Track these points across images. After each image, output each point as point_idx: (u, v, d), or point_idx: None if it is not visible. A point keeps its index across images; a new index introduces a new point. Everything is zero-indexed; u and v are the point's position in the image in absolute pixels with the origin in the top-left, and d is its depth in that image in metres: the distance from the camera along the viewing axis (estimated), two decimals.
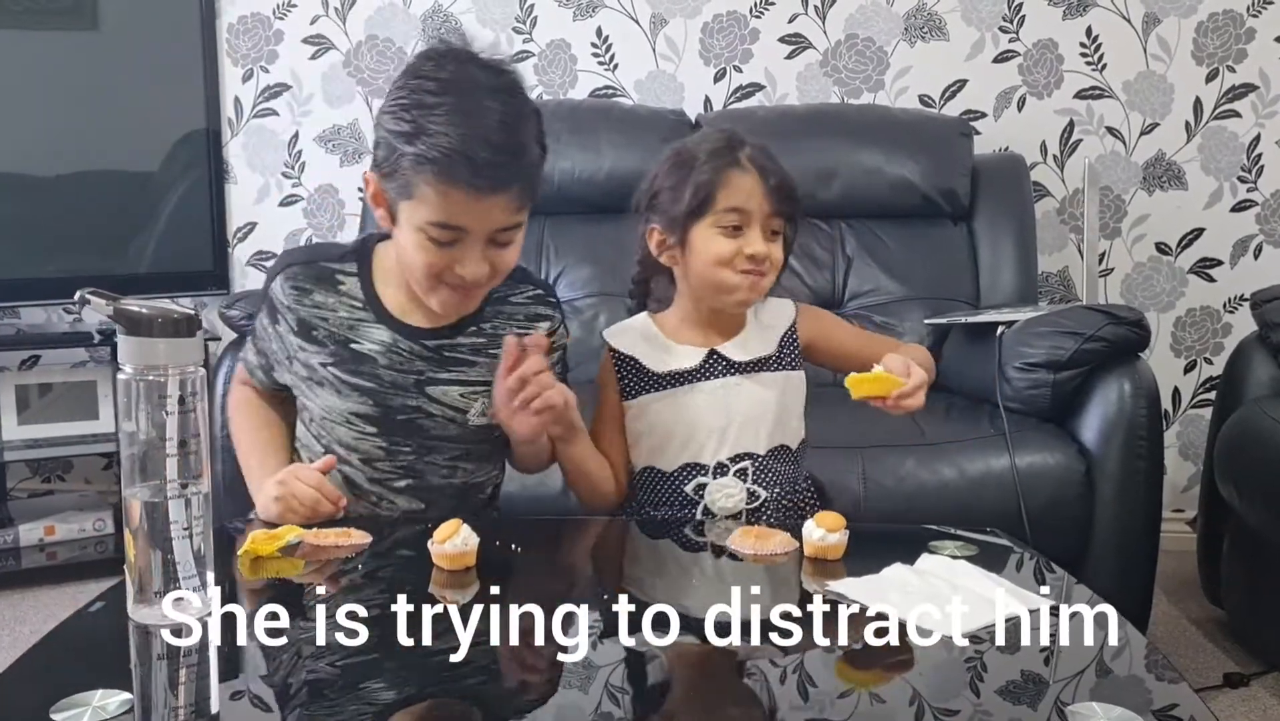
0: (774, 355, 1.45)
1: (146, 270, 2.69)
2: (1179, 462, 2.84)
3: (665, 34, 2.81)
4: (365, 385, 1.33)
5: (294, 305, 1.34)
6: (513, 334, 1.30)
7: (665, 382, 1.45)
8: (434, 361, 1.34)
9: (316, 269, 1.36)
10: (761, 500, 1.42)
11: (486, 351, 1.35)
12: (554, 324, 1.41)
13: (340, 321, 1.34)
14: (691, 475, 1.43)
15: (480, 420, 1.35)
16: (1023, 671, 0.93)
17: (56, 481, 2.90)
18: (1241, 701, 1.89)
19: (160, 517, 0.95)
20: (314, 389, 1.36)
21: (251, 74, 2.84)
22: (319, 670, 0.91)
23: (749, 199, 1.38)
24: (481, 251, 1.23)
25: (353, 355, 1.33)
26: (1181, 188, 2.80)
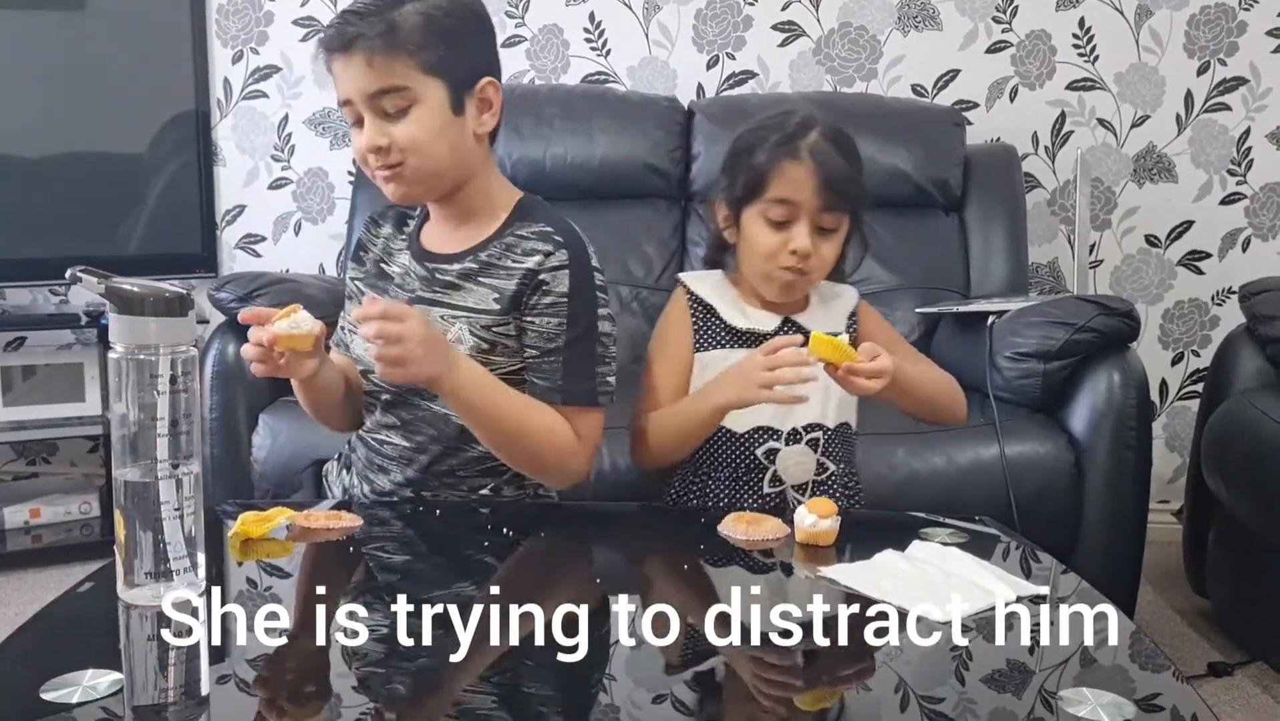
0: (841, 333, 1.43)
1: (134, 252, 2.68)
2: (1165, 454, 2.86)
3: (658, 20, 2.80)
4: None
5: (364, 233, 1.48)
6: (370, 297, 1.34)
7: (741, 340, 1.43)
8: (426, 282, 1.37)
9: (397, 211, 1.47)
10: (829, 472, 1.42)
11: (475, 278, 1.33)
12: (544, 260, 1.29)
13: (383, 248, 1.44)
14: (763, 439, 1.40)
15: (459, 347, 1.29)
16: (1010, 658, 0.93)
17: (42, 464, 2.89)
18: (1225, 690, 1.91)
19: (151, 498, 0.94)
20: (348, 304, 1.46)
21: (241, 56, 2.82)
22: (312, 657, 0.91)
23: (799, 191, 1.36)
24: (375, 122, 1.27)
25: (379, 273, 1.43)
26: (1171, 180, 2.81)
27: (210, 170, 2.82)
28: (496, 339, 1.32)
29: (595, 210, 2.51)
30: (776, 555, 1.17)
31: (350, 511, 1.23)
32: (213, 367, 1.99)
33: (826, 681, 0.89)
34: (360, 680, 0.86)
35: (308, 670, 0.88)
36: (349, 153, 2.83)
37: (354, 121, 1.30)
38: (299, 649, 0.91)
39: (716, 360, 1.42)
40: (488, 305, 1.31)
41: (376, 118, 1.27)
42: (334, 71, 1.29)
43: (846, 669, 0.91)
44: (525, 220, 1.35)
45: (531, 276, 1.30)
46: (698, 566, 1.18)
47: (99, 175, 2.68)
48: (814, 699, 0.87)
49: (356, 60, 1.26)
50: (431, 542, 1.26)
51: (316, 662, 0.89)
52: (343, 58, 1.26)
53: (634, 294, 2.46)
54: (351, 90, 1.27)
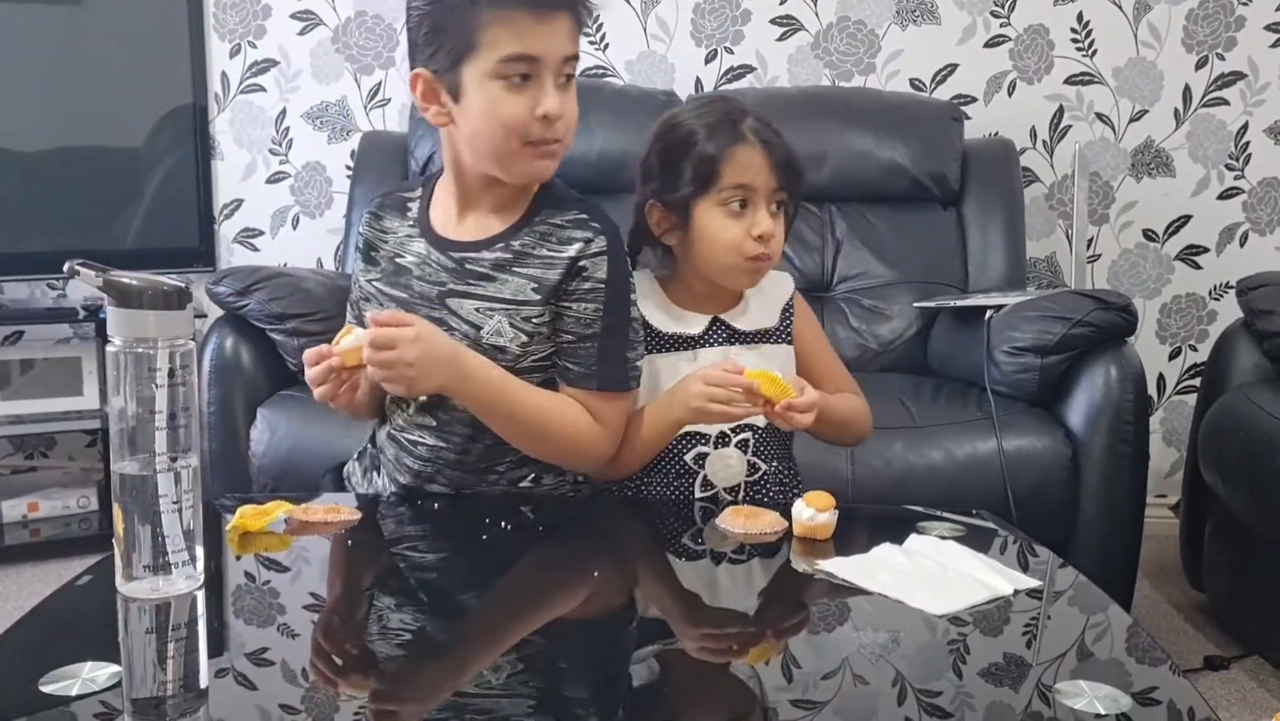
0: (775, 327, 1.44)
1: (131, 246, 2.68)
2: (1163, 448, 2.86)
3: (656, 14, 2.80)
4: (399, 295, 1.34)
5: (367, 231, 1.41)
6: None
7: (669, 344, 1.41)
8: (456, 274, 1.31)
9: (393, 198, 1.42)
10: (761, 472, 1.40)
11: (510, 268, 1.29)
12: (584, 248, 1.29)
13: (395, 240, 1.38)
14: (692, 444, 1.39)
15: (495, 339, 1.28)
16: (1007, 651, 0.94)
17: (40, 458, 2.89)
18: (1221, 684, 1.91)
19: (149, 491, 0.94)
20: (364, 306, 1.38)
21: (239, 49, 2.82)
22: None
23: (755, 175, 1.34)
24: (555, 89, 1.24)
25: (396, 268, 1.36)
26: (1169, 175, 2.81)
27: (208, 164, 2.81)
28: (536, 329, 1.29)
29: None
30: (774, 548, 1.18)
31: (348, 506, 1.23)
32: (211, 361, 1.99)
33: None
34: (365, 669, 0.87)
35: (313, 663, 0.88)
36: (347, 146, 2.83)
37: (517, 82, 1.22)
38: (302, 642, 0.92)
39: (648, 365, 1.40)
40: (526, 295, 1.29)
41: (555, 86, 1.24)
42: (517, 23, 1.20)
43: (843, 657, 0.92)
44: (554, 208, 1.32)
45: (573, 265, 1.29)
46: (693, 558, 1.18)
47: (96, 169, 2.67)
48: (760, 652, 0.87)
49: (565, 21, 1.24)
50: (437, 537, 1.26)
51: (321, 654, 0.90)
52: (547, 14, 1.22)
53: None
54: (550, 50, 1.22)
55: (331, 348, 1.22)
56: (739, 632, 0.99)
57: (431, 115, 1.28)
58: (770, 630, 0.99)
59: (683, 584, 1.13)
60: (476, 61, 1.21)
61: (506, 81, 1.21)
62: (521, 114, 1.22)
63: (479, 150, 1.26)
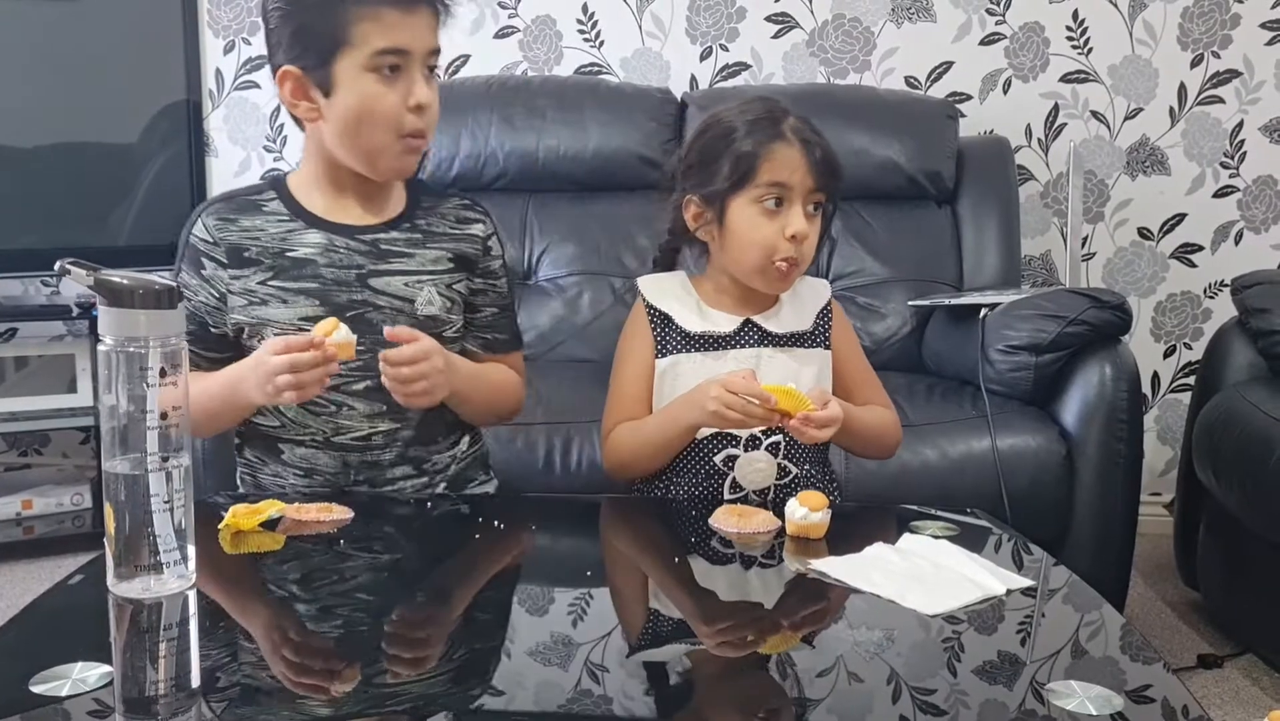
0: (809, 331, 1.43)
1: (125, 243, 2.67)
2: (1157, 447, 2.86)
3: (651, 11, 2.79)
4: (309, 286, 1.32)
5: (221, 236, 1.34)
6: (387, 330, 1.27)
7: (698, 344, 1.41)
8: (372, 255, 1.34)
9: (235, 201, 1.38)
10: (792, 476, 1.40)
11: (423, 245, 1.37)
12: (486, 227, 1.43)
13: (271, 237, 1.34)
14: (721, 445, 1.38)
15: (428, 309, 1.35)
16: (1001, 650, 0.94)
17: (33, 455, 2.88)
18: (1215, 682, 1.92)
19: (141, 490, 0.94)
20: (259, 311, 1.33)
21: (233, 46, 2.81)
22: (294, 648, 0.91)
23: (792, 173, 1.34)
24: (423, 81, 1.28)
25: (291, 263, 1.33)
26: (1164, 173, 2.81)
27: (202, 161, 2.80)
28: (455, 296, 1.39)
29: (588, 202, 2.51)
30: (767, 548, 1.18)
31: (341, 505, 1.23)
32: None
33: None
34: (347, 668, 0.86)
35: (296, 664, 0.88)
36: None
37: (386, 70, 1.26)
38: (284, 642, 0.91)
39: (674, 365, 1.41)
40: (443, 264, 1.38)
41: (422, 77, 1.28)
42: (384, 18, 1.24)
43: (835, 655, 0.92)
44: (433, 195, 1.43)
45: (481, 243, 1.41)
46: (687, 558, 1.18)
47: (90, 165, 2.66)
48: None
49: (426, 14, 1.28)
50: (420, 537, 1.26)
51: (306, 654, 0.89)
52: (412, 8, 1.26)
53: (626, 286, 2.45)
54: (415, 41, 1.26)
55: (317, 338, 1.19)
56: (731, 632, 0.99)
57: (301, 112, 1.31)
58: (763, 629, 0.99)
59: (675, 583, 1.13)
60: (348, 56, 1.25)
61: (378, 74, 1.26)
62: (395, 105, 1.27)
63: (350, 144, 1.30)
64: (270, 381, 1.20)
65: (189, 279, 1.35)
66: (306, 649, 0.91)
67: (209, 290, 1.34)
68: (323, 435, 1.35)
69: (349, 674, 0.85)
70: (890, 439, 1.47)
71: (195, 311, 1.34)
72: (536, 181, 2.52)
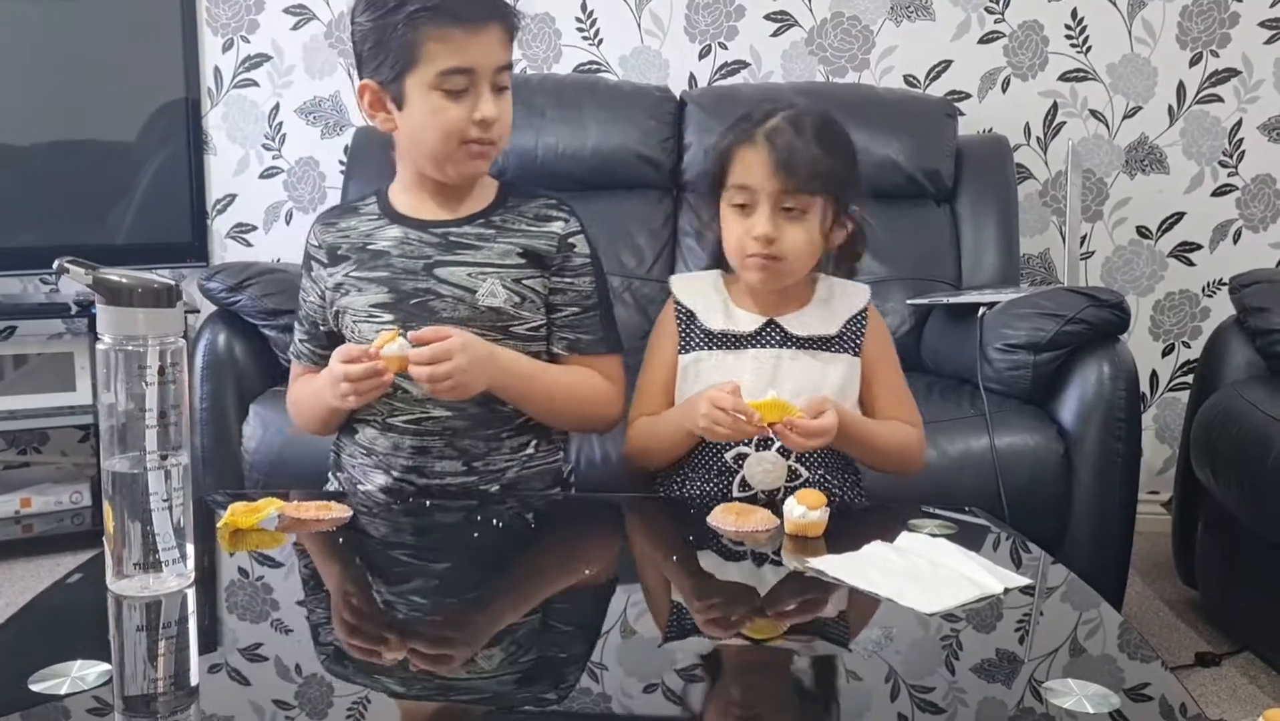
0: (835, 336, 1.42)
1: (124, 241, 2.67)
2: (1155, 445, 2.87)
3: (650, 9, 2.79)
4: (381, 275, 1.39)
5: (324, 237, 1.44)
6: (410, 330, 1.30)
7: (717, 342, 1.42)
8: (441, 246, 1.39)
9: (339, 208, 1.51)
10: (803, 480, 1.39)
11: (494, 239, 1.40)
12: (567, 226, 1.43)
13: (360, 234, 1.43)
14: (733, 444, 1.38)
15: (490, 300, 1.37)
16: (999, 649, 0.94)
17: (32, 453, 2.88)
18: (1213, 680, 1.92)
19: (140, 489, 0.94)
20: (343, 300, 1.41)
21: (232, 44, 2.81)
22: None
23: (754, 175, 1.35)
24: (489, 96, 1.32)
25: (370, 255, 1.41)
26: (1163, 171, 2.81)
27: (201, 159, 2.80)
28: (525, 292, 1.39)
29: (587, 200, 2.49)
30: (765, 546, 1.18)
31: (339, 503, 1.23)
32: (203, 358, 1.99)
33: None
34: (357, 671, 0.87)
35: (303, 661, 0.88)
36: (340, 141, 2.82)
37: (455, 91, 1.30)
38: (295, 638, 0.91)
39: (696, 361, 1.43)
40: (513, 259, 1.39)
41: (490, 92, 1.32)
42: (452, 39, 1.28)
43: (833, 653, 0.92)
44: (517, 196, 1.45)
45: (559, 240, 1.42)
46: (685, 557, 1.19)
47: (89, 163, 2.66)
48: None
49: (496, 32, 1.32)
50: (426, 535, 1.26)
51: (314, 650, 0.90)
52: (481, 27, 1.30)
53: (626, 284, 2.46)
54: (483, 60, 1.30)
55: (374, 350, 1.25)
56: (729, 630, 0.99)
57: (379, 122, 1.38)
58: (760, 627, 0.99)
59: (672, 581, 1.13)
60: (417, 74, 1.30)
61: (445, 92, 1.30)
62: (460, 120, 1.31)
63: (420, 152, 1.36)
64: (336, 387, 1.28)
65: (304, 282, 1.47)
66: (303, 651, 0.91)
67: (317, 288, 1.44)
68: (381, 416, 1.40)
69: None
70: (908, 458, 1.44)
71: (309, 313, 1.46)
72: (535, 180, 2.51)
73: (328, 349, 1.40)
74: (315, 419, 1.44)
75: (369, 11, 1.32)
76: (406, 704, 0.82)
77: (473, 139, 1.32)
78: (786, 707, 0.85)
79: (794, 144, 1.35)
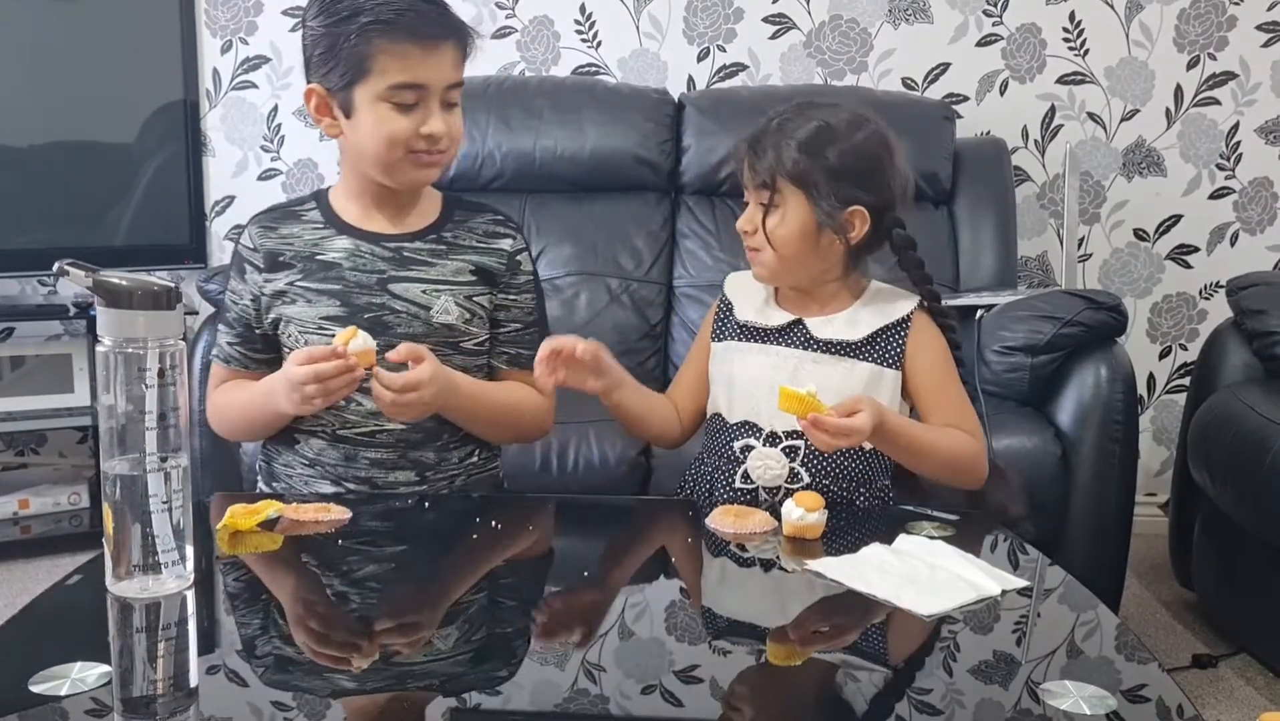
0: (858, 342, 1.40)
1: (122, 243, 2.67)
2: (1153, 447, 2.87)
3: (649, 12, 2.79)
4: (332, 288, 1.37)
5: (261, 242, 1.41)
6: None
7: (745, 333, 1.45)
8: (395, 261, 1.38)
9: (279, 210, 1.47)
10: (804, 484, 1.37)
11: (446, 256, 1.40)
12: (515, 243, 1.44)
13: (304, 242, 1.40)
14: (745, 433, 1.40)
15: (444, 317, 1.37)
16: (996, 650, 0.94)
17: (30, 455, 2.88)
18: (1209, 682, 1.92)
19: (139, 491, 0.94)
20: (286, 309, 1.38)
21: (230, 45, 2.81)
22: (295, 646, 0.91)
23: (741, 171, 1.41)
24: (439, 111, 1.32)
25: (319, 265, 1.39)
26: (1160, 174, 2.82)
27: (199, 160, 2.80)
28: (475, 308, 1.40)
29: (584, 202, 2.52)
30: (763, 548, 1.18)
31: (339, 505, 1.23)
32: (202, 359, 1.99)
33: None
34: (355, 673, 0.87)
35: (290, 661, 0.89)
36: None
37: (405, 105, 1.30)
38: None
39: (725, 349, 1.46)
40: (465, 276, 1.39)
41: (440, 107, 1.32)
42: (406, 55, 1.28)
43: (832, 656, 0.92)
44: (463, 209, 1.45)
45: (509, 257, 1.43)
46: (684, 558, 1.19)
47: (87, 165, 2.66)
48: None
49: (450, 51, 1.31)
50: (419, 536, 1.26)
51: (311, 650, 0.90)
52: (435, 44, 1.29)
53: (624, 286, 2.46)
54: (434, 77, 1.30)
55: (339, 347, 1.23)
56: (727, 632, 0.99)
57: (325, 127, 1.37)
58: (759, 630, 0.99)
59: (671, 583, 1.13)
60: (367, 85, 1.30)
61: (394, 105, 1.30)
62: (406, 131, 1.30)
63: (365, 160, 1.35)
64: (297, 390, 1.25)
65: (236, 285, 1.42)
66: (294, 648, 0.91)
67: (252, 292, 1.41)
68: (331, 428, 1.38)
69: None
70: (964, 466, 1.39)
71: (241, 315, 1.42)
72: (533, 182, 2.52)
73: (261, 353, 1.41)
74: (256, 424, 1.41)
75: (321, 16, 1.32)
76: (404, 704, 0.82)
77: (419, 150, 1.32)
78: (784, 709, 0.85)
79: (764, 141, 1.38)
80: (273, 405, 1.33)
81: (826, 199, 1.36)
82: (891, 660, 0.90)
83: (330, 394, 1.25)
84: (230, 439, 1.50)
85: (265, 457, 1.46)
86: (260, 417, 1.39)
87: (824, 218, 1.37)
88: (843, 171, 1.36)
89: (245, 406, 1.39)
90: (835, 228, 1.37)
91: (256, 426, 1.42)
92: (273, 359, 1.42)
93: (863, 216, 1.38)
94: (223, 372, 1.45)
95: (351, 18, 1.28)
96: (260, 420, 1.39)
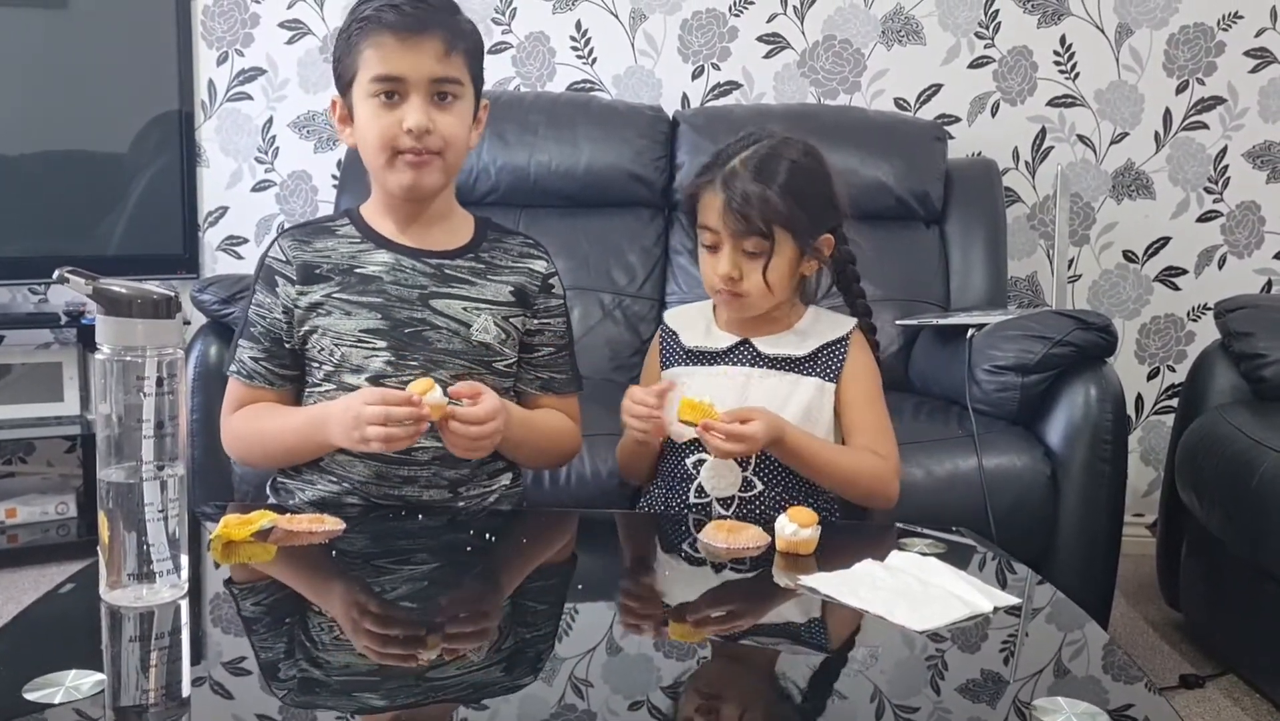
0: (803, 358, 1.47)
1: (115, 252, 2.67)
2: (1140, 468, 2.89)
3: (644, 29, 2.81)
4: (373, 300, 1.36)
5: (295, 255, 1.39)
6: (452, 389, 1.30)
7: (693, 358, 1.50)
8: (436, 278, 1.39)
9: (312, 225, 1.46)
10: (757, 491, 1.43)
11: (486, 275, 1.41)
12: (547, 266, 1.46)
13: (342, 255, 1.40)
14: (695, 450, 1.44)
15: (483, 336, 1.38)
16: (984, 668, 0.94)
17: (18, 463, 2.87)
18: (1196, 702, 1.93)
19: (135, 499, 0.94)
20: (322, 320, 1.37)
21: (226, 57, 2.82)
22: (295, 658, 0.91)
23: (714, 218, 1.41)
24: (423, 105, 1.31)
25: (359, 278, 1.38)
26: (1149, 197, 2.84)
27: (193, 171, 2.81)
28: (510, 330, 1.41)
29: (579, 218, 2.53)
30: (756, 563, 1.18)
31: (332, 516, 1.23)
32: (195, 369, 1.98)
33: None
34: (342, 683, 0.87)
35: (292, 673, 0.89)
36: (333, 156, 2.83)
37: (384, 96, 1.30)
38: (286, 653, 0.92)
39: (674, 374, 1.50)
40: (504, 297, 1.41)
41: (423, 102, 1.31)
42: (384, 46, 1.29)
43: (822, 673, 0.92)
44: (496, 231, 1.47)
45: (542, 279, 1.45)
46: (675, 573, 1.19)
47: (81, 174, 2.67)
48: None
49: (433, 43, 1.30)
50: (412, 547, 1.26)
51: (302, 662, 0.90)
52: (414, 35, 1.29)
53: (616, 301, 2.47)
54: (414, 69, 1.30)
55: (414, 395, 1.23)
56: (719, 647, 0.99)
57: (344, 137, 1.40)
58: (750, 645, 1.00)
59: (664, 598, 1.13)
60: (358, 83, 1.33)
61: (379, 100, 1.31)
62: (391, 127, 1.31)
63: (369, 165, 1.37)
64: (359, 429, 1.24)
65: (264, 298, 1.40)
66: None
67: (283, 306, 1.38)
68: None
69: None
70: (870, 488, 1.45)
71: (270, 329, 1.39)
72: (528, 197, 2.53)
73: (288, 369, 1.40)
74: (297, 453, 1.37)
75: (340, 30, 1.37)
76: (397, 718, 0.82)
77: (406, 149, 1.31)
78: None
79: (746, 188, 1.38)
80: (321, 436, 1.30)
81: (810, 233, 1.43)
82: (879, 677, 0.91)
83: (392, 440, 1.23)
84: (254, 466, 1.47)
85: (283, 472, 1.43)
86: (304, 447, 1.36)
87: (808, 249, 1.44)
88: (817, 203, 1.43)
89: (286, 434, 1.36)
90: (818, 257, 1.43)
91: (297, 455, 1.38)
92: (297, 375, 1.40)
93: (828, 240, 1.47)
94: (243, 390, 1.40)
95: (350, 23, 1.33)
96: (303, 450, 1.36)
